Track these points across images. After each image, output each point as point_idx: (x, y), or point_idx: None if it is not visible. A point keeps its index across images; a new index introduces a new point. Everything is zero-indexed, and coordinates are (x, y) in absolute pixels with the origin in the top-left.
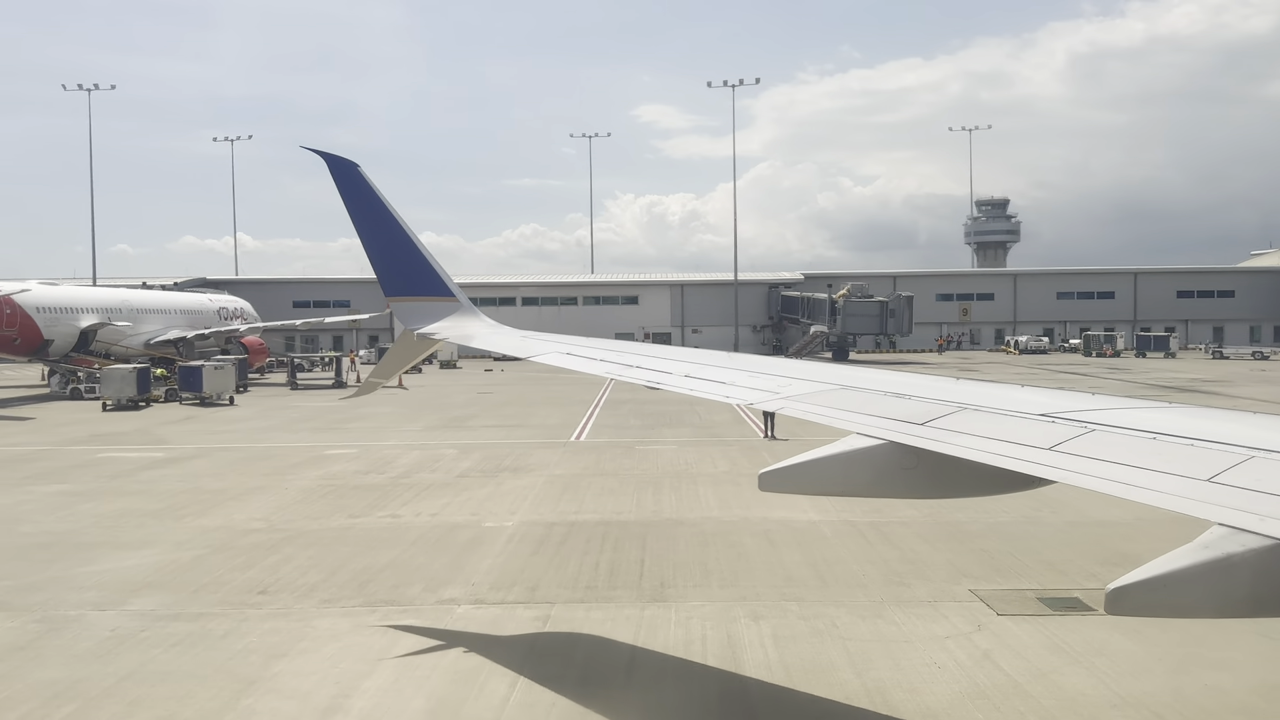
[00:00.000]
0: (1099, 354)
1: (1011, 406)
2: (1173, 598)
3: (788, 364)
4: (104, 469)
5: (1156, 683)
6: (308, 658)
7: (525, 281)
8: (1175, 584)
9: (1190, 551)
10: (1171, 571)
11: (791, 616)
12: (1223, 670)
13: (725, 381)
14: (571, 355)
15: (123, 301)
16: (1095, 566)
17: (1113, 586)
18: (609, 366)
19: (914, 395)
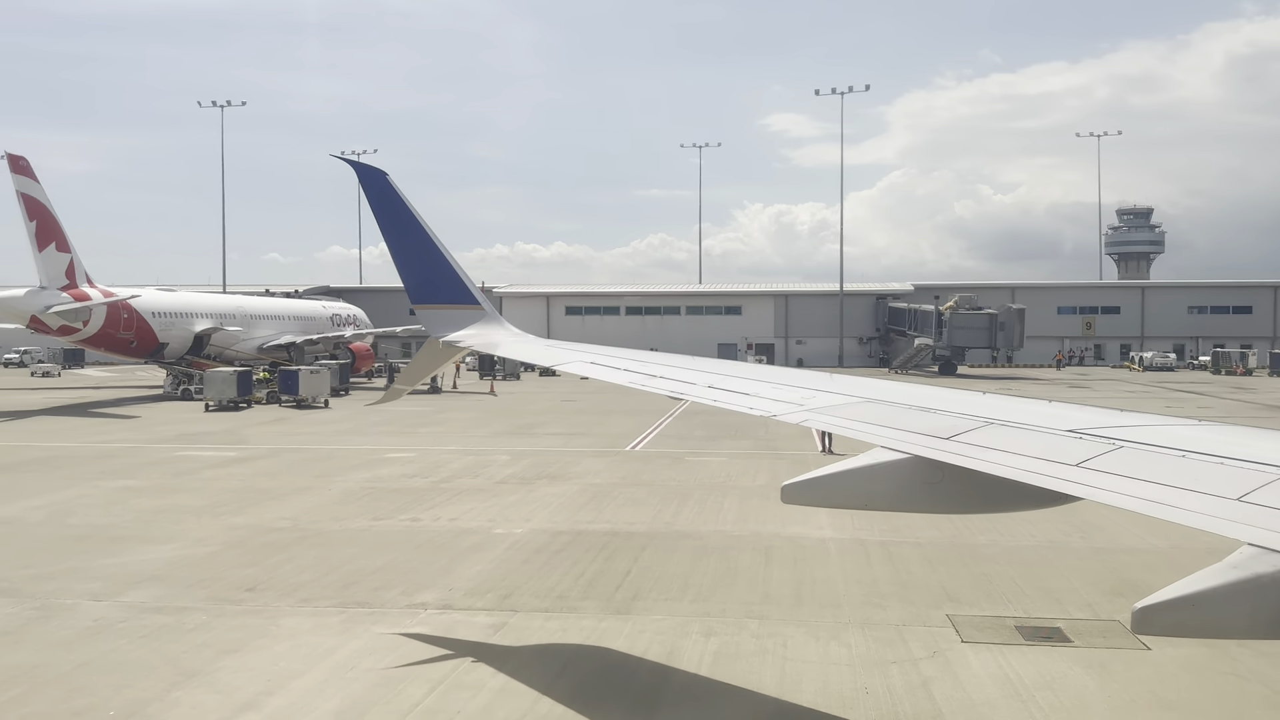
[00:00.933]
0: (1228, 372)
1: (1039, 422)
2: (1200, 618)
3: (814, 376)
4: (173, 467)
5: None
6: (256, 654)
7: (628, 291)
8: (1203, 604)
9: (1219, 571)
10: (1199, 591)
11: (745, 634)
12: (1170, 711)
13: (749, 393)
14: (596, 365)
15: (237, 307)
16: (1096, 596)
17: (1140, 606)
18: (633, 376)
19: (940, 409)
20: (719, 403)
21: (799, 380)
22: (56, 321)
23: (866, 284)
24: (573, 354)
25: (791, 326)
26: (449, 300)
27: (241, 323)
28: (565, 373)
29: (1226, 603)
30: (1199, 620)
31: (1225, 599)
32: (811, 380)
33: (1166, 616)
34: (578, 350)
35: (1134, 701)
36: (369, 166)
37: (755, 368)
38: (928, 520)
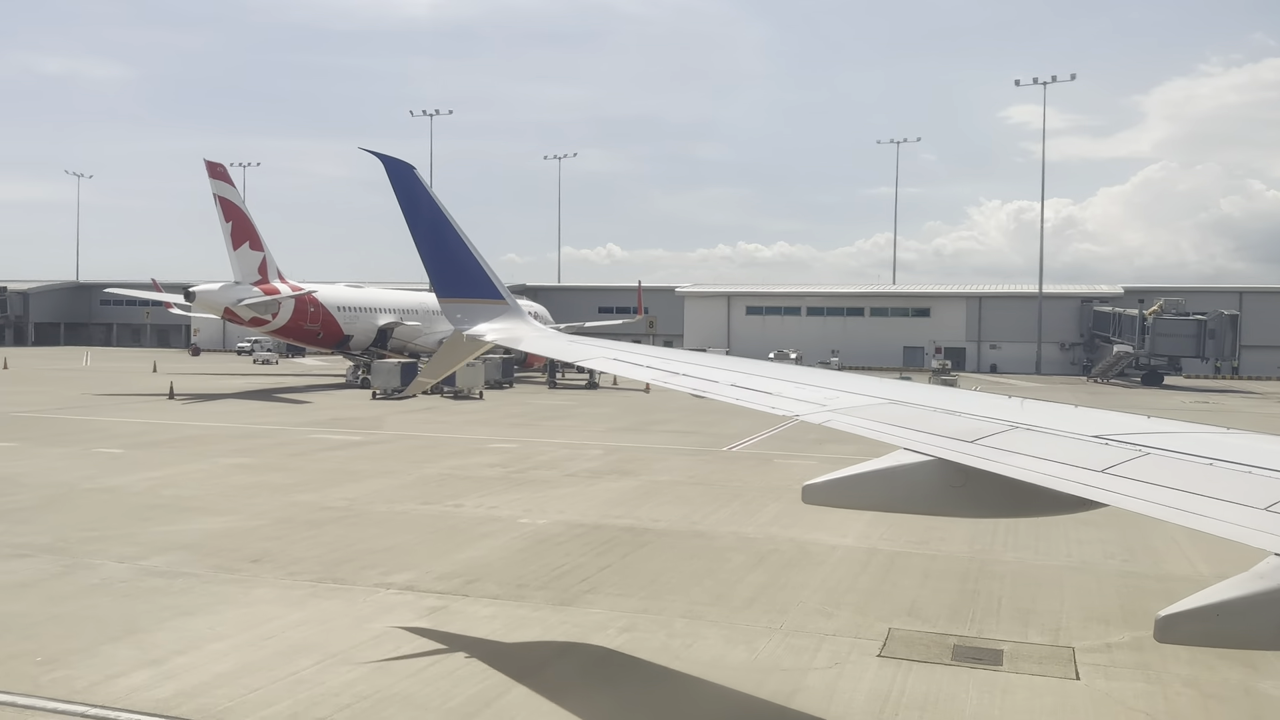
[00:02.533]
0: None
1: (1065, 427)
2: (1223, 628)
3: (838, 377)
4: (296, 448)
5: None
6: (204, 618)
7: (810, 291)
8: (1227, 614)
9: (1244, 581)
10: (1224, 601)
11: (661, 633)
12: None
13: (772, 392)
14: (618, 360)
15: (419, 303)
16: (1079, 624)
17: (1163, 614)
18: (654, 373)
19: (965, 412)
20: (741, 401)
21: (823, 380)
22: (247, 313)
23: (1072, 286)
24: (596, 349)
25: (985, 330)
26: (474, 294)
27: (423, 318)
28: (588, 369)
29: (1251, 613)
30: (1222, 630)
31: (1250, 609)
32: (836, 381)
33: (1189, 626)
34: (601, 346)
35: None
36: (395, 159)
37: (780, 367)
38: (968, 534)
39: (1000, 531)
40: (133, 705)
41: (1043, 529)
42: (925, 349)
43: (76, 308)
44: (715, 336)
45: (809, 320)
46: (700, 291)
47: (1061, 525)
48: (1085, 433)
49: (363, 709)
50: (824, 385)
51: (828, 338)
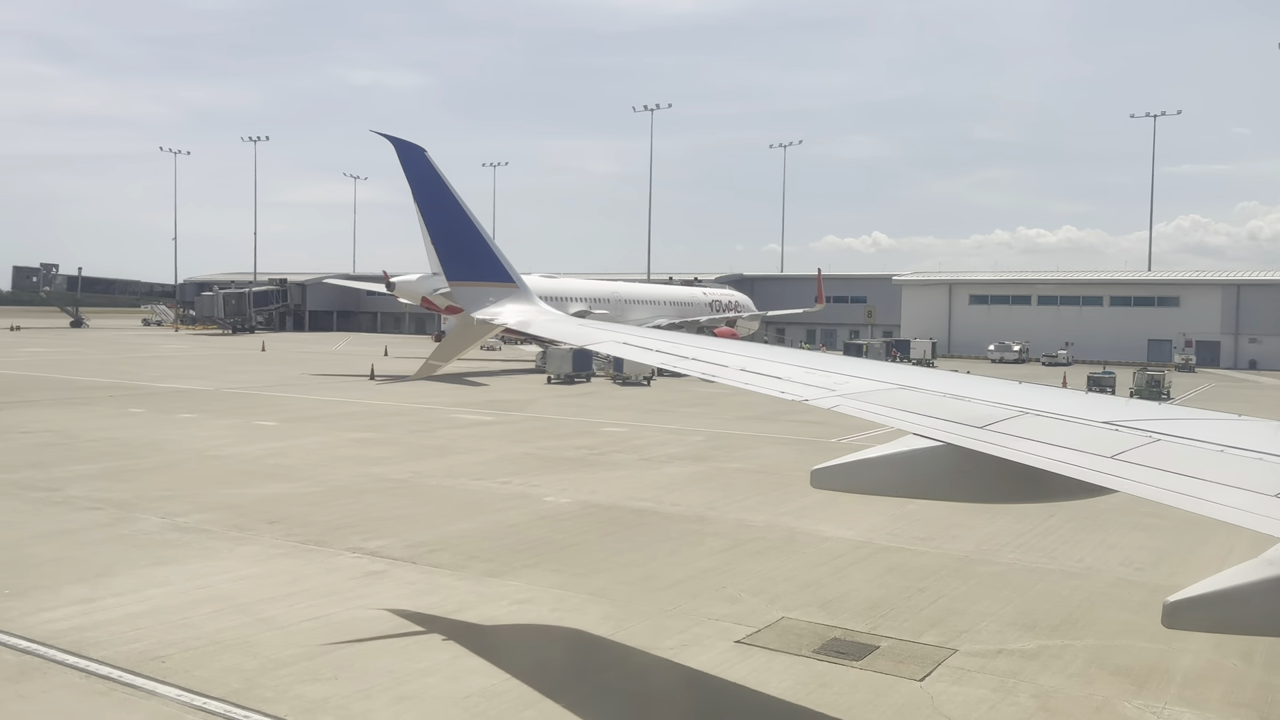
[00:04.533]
0: None
1: (1075, 413)
2: (1232, 614)
3: (848, 362)
4: (428, 426)
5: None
6: (168, 568)
7: (1041, 279)
8: (1235, 600)
9: (1254, 567)
10: (1233, 587)
11: (551, 607)
12: None
13: (781, 377)
14: (628, 345)
15: (612, 293)
16: (997, 629)
17: (1171, 600)
18: (663, 357)
19: (974, 398)
20: (750, 386)
21: (833, 365)
22: (442, 301)
23: None
24: (605, 334)
25: (1243, 322)
26: (484, 277)
27: (615, 307)
28: (597, 352)
29: (1260, 600)
30: (1230, 616)
31: (1259, 596)
32: (845, 366)
33: (1197, 612)
34: (610, 330)
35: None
36: (407, 142)
37: (789, 352)
38: (988, 532)
39: (1028, 531)
40: (29, 634)
41: (1091, 530)
42: (1173, 342)
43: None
44: (935, 327)
45: (1039, 310)
46: (919, 280)
47: (1116, 527)
48: (1095, 419)
49: (205, 651)
50: (834, 370)
51: (1060, 328)
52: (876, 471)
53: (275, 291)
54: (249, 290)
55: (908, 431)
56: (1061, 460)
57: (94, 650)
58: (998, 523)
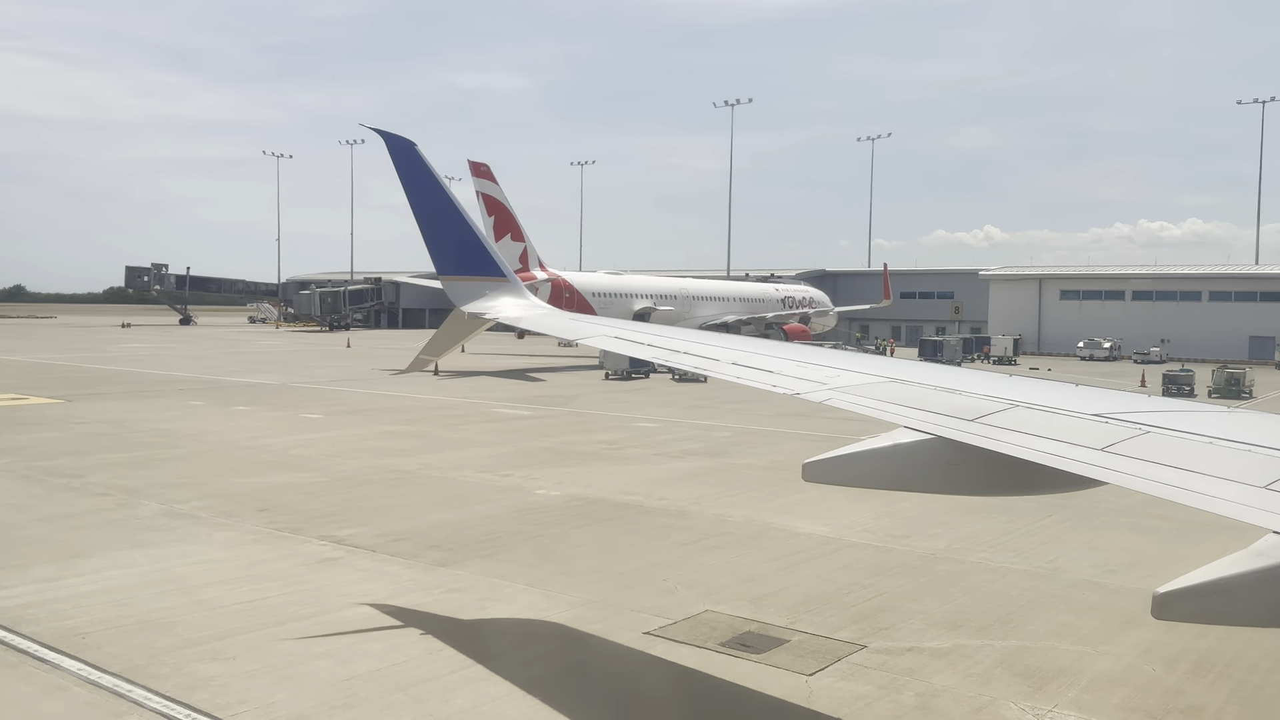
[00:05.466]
0: None
1: (1065, 405)
2: (1221, 605)
3: (839, 355)
4: (463, 420)
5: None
6: (140, 551)
7: (1135, 273)
8: (1225, 591)
9: (1243, 559)
10: (1222, 578)
11: (477, 595)
12: None
13: (773, 370)
14: (620, 339)
15: (679, 289)
16: (921, 627)
17: (1160, 591)
18: (655, 352)
19: (965, 391)
20: (742, 380)
21: (824, 359)
22: None
23: None
24: (596, 328)
25: None
26: (475, 272)
27: (681, 304)
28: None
29: (1249, 590)
30: (1219, 607)
31: (1248, 587)
32: (837, 359)
33: (1186, 603)
34: (601, 324)
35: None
36: (397, 136)
37: (781, 345)
38: (968, 531)
39: (1014, 530)
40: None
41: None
42: (1276, 339)
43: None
44: (1023, 323)
45: (1134, 305)
46: (1007, 274)
47: (1110, 528)
48: (1086, 411)
49: (127, 629)
50: (826, 364)
51: (1155, 325)
52: (867, 464)
53: (370, 290)
54: (344, 289)
55: (899, 425)
56: (1051, 452)
57: (25, 626)
58: (986, 521)
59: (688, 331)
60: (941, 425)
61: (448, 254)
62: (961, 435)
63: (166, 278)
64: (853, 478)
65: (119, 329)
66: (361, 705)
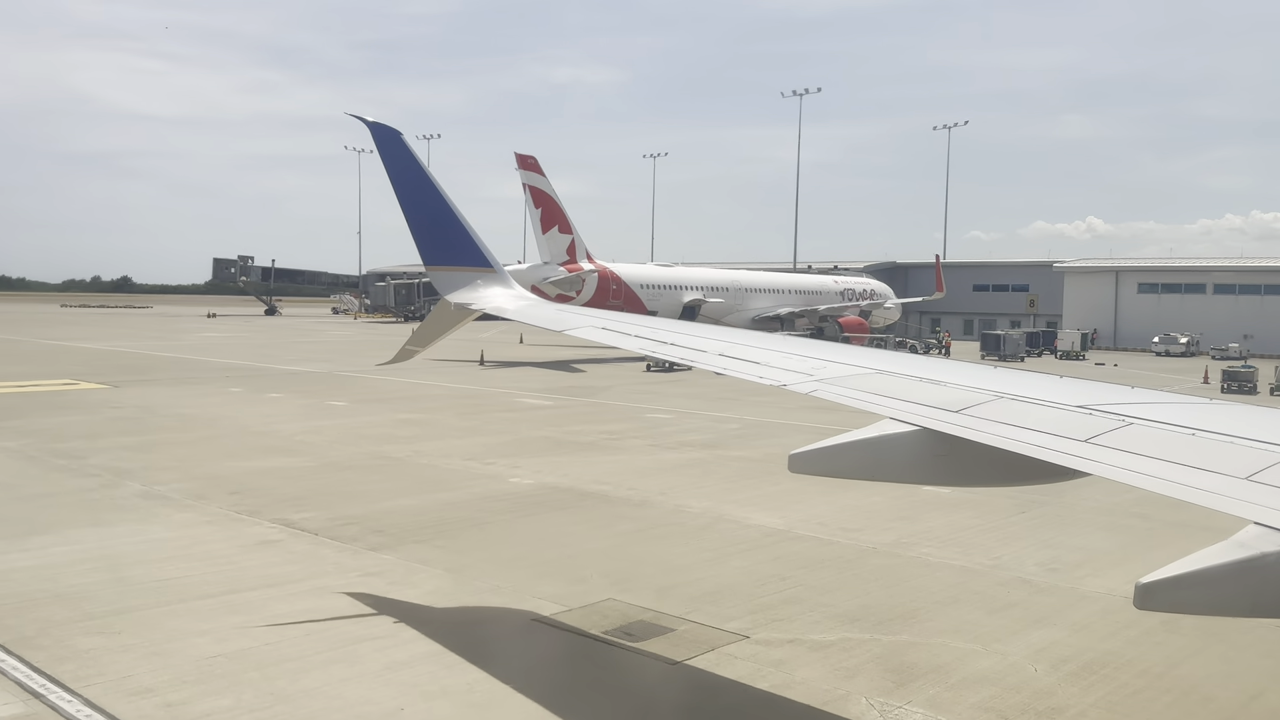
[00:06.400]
0: None
1: (1049, 397)
2: (1203, 595)
3: (825, 347)
4: (480, 409)
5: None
6: (96, 529)
7: (1218, 266)
8: (1207, 581)
9: (1225, 549)
10: (1204, 569)
11: (388, 579)
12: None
13: (759, 362)
14: (607, 330)
15: (731, 281)
16: (816, 620)
17: (1143, 582)
18: (643, 343)
19: (949, 382)
20: (729, 371)
21: (810, 351)
22: (552, 290)
23: None
24: (583, 319)
25: None
26: (461, 262)
27: (733, 296)
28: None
29: (1230, 581)
30: (1201, 598)
31: (1229, 577)
32: (823, 351)
33: (1169, 594)
34: (588, 315)
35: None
36: (382, 125)
37: (768, 337)
38: (926, 527)
39: (977, 526)
40: None
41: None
42: None
43: None
44: (1099, 317)
45: (1215, 299)
46: (1083, 267)
47: (1081, 526)
48: (1069, 403)
49: (36, 602)
50: (812, 355)
51: (1238, 320)
52: (851, 455)
53: None
54: (419, 281)
55: (884, 416)
56: (1036, 444)
57: None
58: (952, 516)
59: (676, 323)
60: (925, 416)
61: (434, 244)
62: (945, 426)
63: (252, 270)
64: (837, 469)
65: (203, 319)
66: (211, 682)
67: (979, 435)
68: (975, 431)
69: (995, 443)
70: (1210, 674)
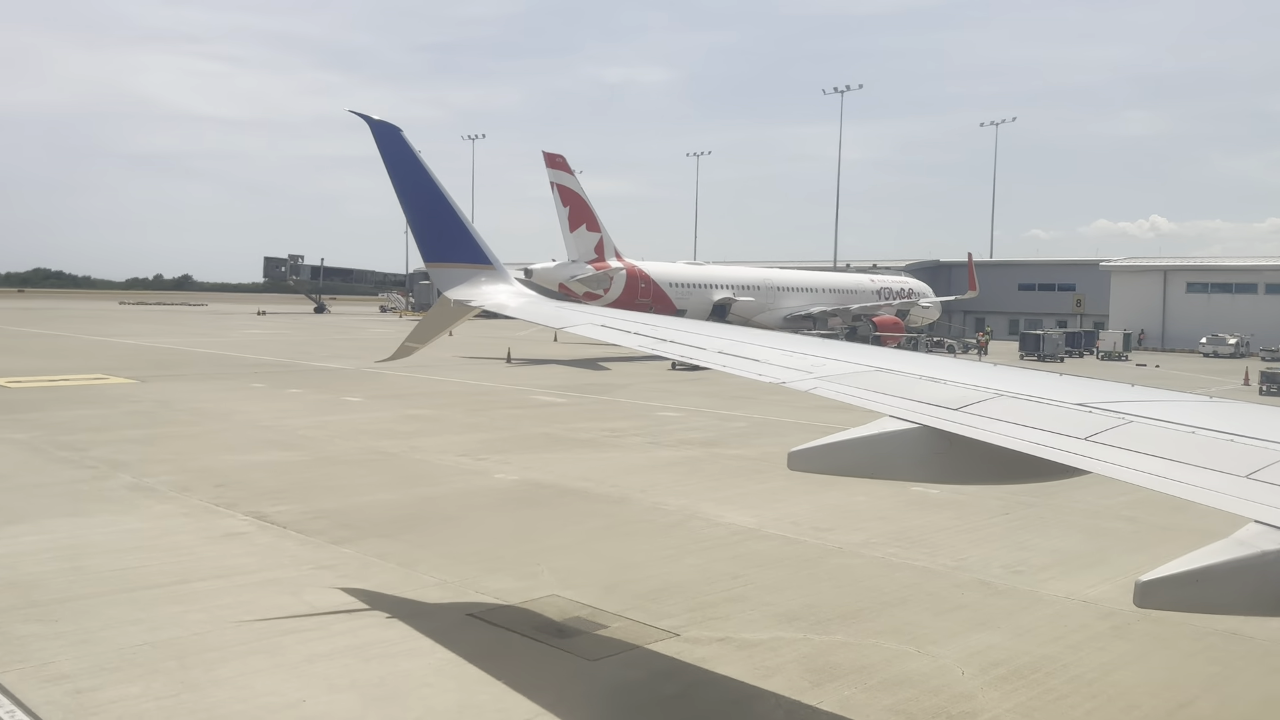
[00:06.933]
0: None
1: (1049, 395)
2: (1203, 593)
3: (825, 344)
4: (490, 406)
5: None
6: (70, 519)
7: (1269, 265)
8: (1207, 579)
9: (1225, 547)
10: (1204, 567)
11: (339, 572)
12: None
13: (760, 359)
14: (606, 328)
15: (763, 280)
16: (770, 621)
17: (1143, 580)
18: (642, 340)
19: (949, 380)
20: (728, 369)
21: (810, 348)
22: (580, 288)
23: None
24: (581, 315)
25: None
26: (461, 259)
27: (764, 294)
28: (576, 334)
29: (1230, 579)
30: (1201, 596)
31: (1229, 575)
32: (823, 349)
33: (1169, 592)
34: (587, 312)
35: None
36: (382, 122)
37: (769, 335)
38: (904, 525)
39: (956, 527)
40: None
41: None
42: None
43: None
44: (1147, 317)
45: (1267, 299)
46: (1130, 266)
47: (1063, 529)
48: (1069, 401)
49: None
50: (812, 353)
51: None
52: (850, 453)
53: None
54: None
55: (884, 414)
56: (1036, 442)
57: None
58: (933, 516)
59: (676, 320)
60: (924, 414)
61: (434, 241)
62: (944, 424)
63: (302, 268)
64: (836, 466)
65: (252, 316)
66: (127, 670)
67: (978, 433)
68: (974, 429)
69: (994, 440)
70: (1144, 681)
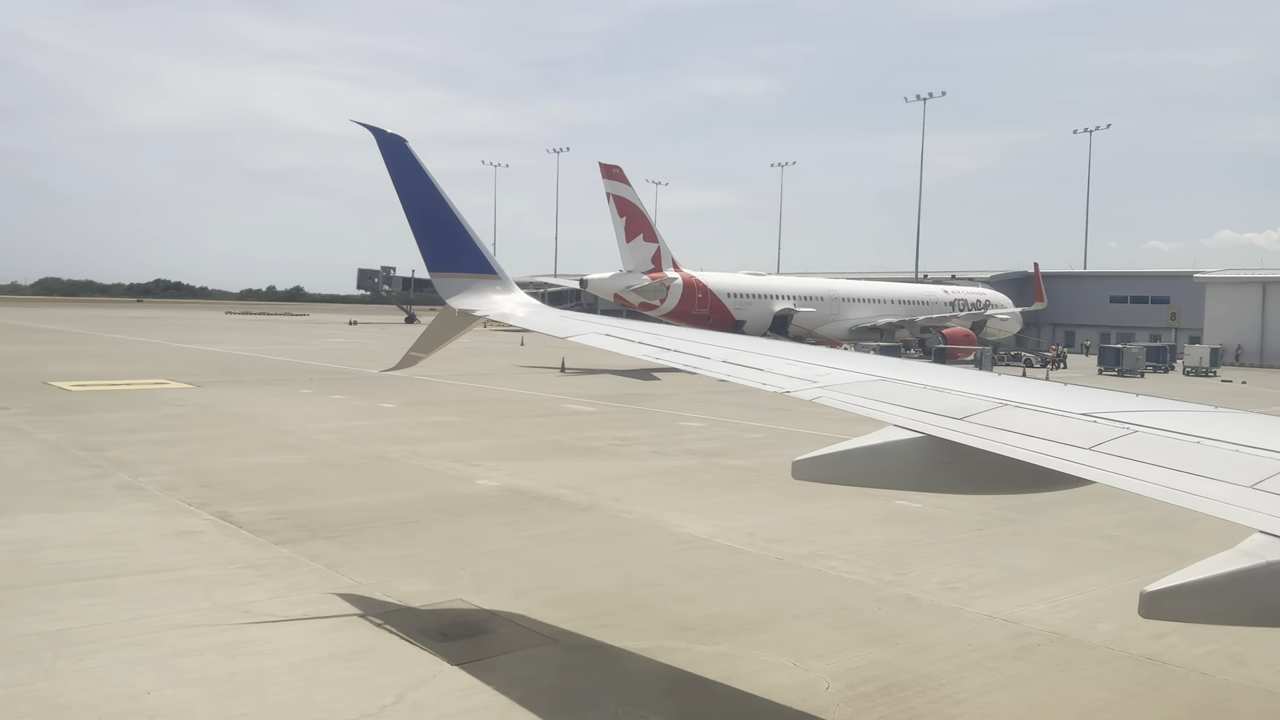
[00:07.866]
0: None
1: (1053, 405)
2: (1208, 604)
3: (830, 354)
4: (515, 413)
5: None
6: (48, 514)
7: None
8: (1211, 590)
9: (1230, 558)
10: (1209, 578)
11: (265, 572)
12: None
13: (763, 369)
14: (609, 336)
15: (827, 290)
16: (657, 628)
17: (1148, 590)
18: (646, 349)
19: (953, 390)
20: (732, 378)
21: (815, 357)
22: (635, 298)
23: None
24: (586, 325)
25: None
26: (466, 269)
27: (828, 305)
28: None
29: (1236, 590)
30: (1206, 607)
31: (1235, 586)
32: (827, 358)
33: (1174, 603)
34: (591, 321)
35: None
36: (388, 133)
37: (773, 343)
38: (868, 537)
39: (924, 543)
40: None
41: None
42: None
43: None
44: (1245, 331)
45: None
46: (1227, 277)
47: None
48: (1074, 410)
49: None
50: (816, 362)
51: None
52: (854, 462)
53: (568, 291)
54: (544, 290)
55: (888, 423)
56: (1040, 451)
57: None
58: (903, 530)
59: (682, 329)
60: (929, 423)
61: (439, 251)
62: (948, 433)
63: (394, 280)
64: (839, 476)
65: (343, 326)
66: (2, 657)
67: (983, 443)
68: (977, 439)
69: (997, 450)
70: (1017, 704)
